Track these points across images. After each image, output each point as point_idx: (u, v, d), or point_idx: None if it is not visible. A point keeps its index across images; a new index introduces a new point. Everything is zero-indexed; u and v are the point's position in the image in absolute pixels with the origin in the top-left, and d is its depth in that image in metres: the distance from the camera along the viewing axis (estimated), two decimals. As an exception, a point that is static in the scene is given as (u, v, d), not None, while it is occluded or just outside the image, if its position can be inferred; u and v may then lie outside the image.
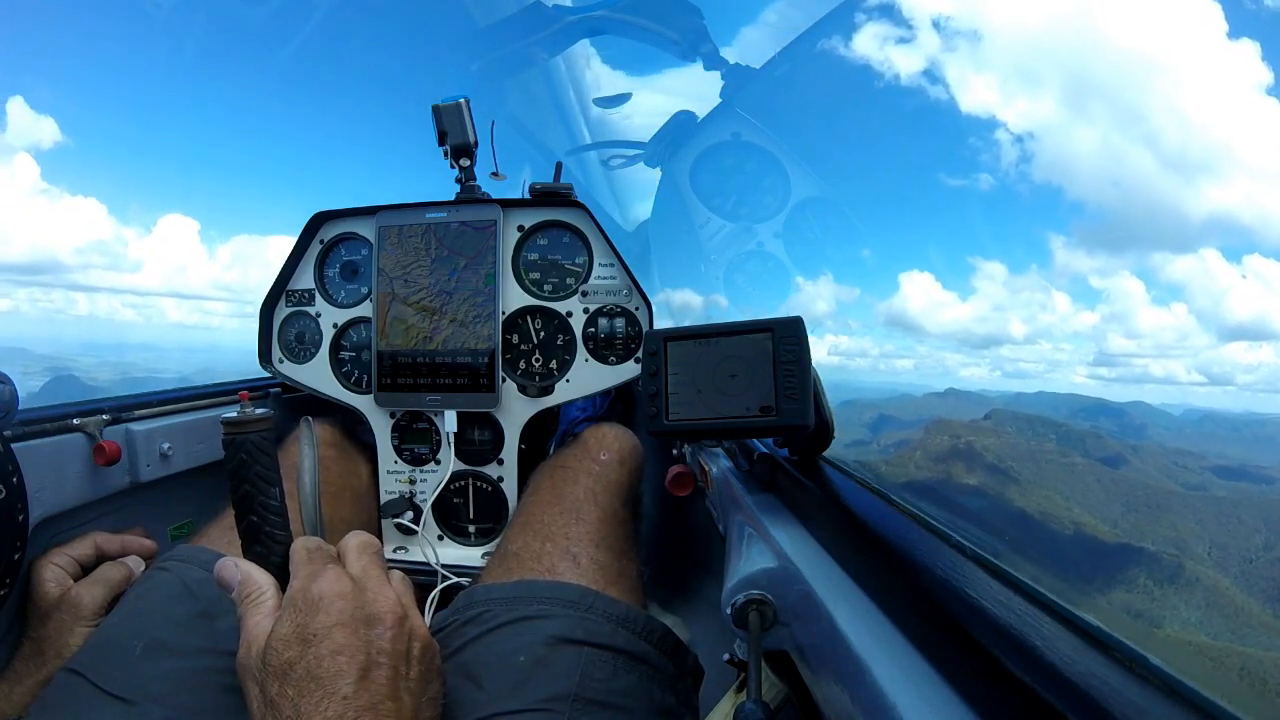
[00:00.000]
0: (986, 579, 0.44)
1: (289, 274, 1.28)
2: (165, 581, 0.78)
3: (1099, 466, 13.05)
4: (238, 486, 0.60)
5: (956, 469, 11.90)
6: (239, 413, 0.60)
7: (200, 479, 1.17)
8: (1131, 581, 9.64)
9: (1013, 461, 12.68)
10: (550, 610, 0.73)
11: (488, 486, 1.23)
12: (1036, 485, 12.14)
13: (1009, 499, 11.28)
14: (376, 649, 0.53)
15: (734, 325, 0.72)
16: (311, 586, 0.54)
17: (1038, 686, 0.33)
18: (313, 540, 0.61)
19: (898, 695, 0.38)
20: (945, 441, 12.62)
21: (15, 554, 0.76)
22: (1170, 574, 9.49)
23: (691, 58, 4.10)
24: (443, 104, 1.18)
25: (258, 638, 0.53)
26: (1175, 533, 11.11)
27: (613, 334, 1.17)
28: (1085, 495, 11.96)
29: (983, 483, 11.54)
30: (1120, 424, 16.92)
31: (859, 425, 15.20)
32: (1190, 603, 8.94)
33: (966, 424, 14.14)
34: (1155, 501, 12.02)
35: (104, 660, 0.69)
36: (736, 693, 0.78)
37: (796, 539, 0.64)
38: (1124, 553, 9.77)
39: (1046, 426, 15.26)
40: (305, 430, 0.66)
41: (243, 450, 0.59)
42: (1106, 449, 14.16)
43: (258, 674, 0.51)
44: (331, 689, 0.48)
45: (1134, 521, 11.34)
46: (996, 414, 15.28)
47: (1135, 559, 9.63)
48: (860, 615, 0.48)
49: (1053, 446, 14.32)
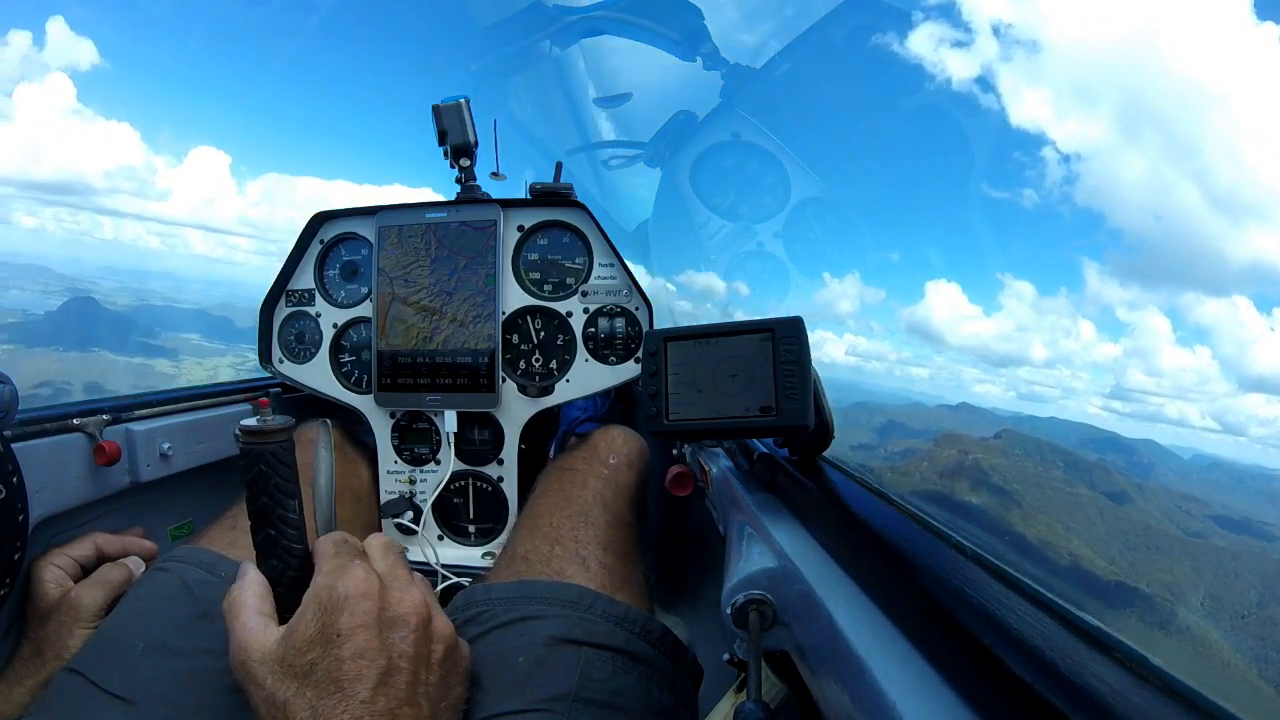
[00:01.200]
0: (986, 579, 0.44)
1: (289, 274, 1.28)
2: (165, 582, 0.78)
3: (1103, 500, 13.02)
4: (255, 498, 0.56)
5: (961, 485, 11.88)
6: (258, 420, 0.56)
7: (200, 479, 1.17)
8: (1122, 623, 9.55)
9: (1018, 485, 12.64)
10: (549, 610, 0.72)
11: (488, 486, 1.23)
12: (1040, 512, 12.09)
13: (1010, 522, 11.26)
14: (398, 653, 0.53)
15: (734, 325, 0.72)
16: (337, 585, 0.53)
17: (1038, 686, 0.33)
18: (338, 534, 0.60)
19: (898, 695, 0.38)
20: (953, 455, 12.59)
21: (15, 554, 0.76)
22: (1162, 619, 9.45)
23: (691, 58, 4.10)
24: (443, 104, 1.18)
25: (252, 640, 0.52)
26: (1171, 577, 11.07)
27: (613, 334, 1.17)
28: (1087, 528, 11.92)
29: (985, 502, 11.51)
30: (1129, 460, 16.92)
31: (868, 429, 15.19)
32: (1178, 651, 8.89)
33: (976, 441, 14.09)
34: (1155, 543, 11.98)
35: (104, 660, 0.69)
36: (736, 693, 0.79)
37: (796, 539, 0.64)
38: (1118, 591, 9.74)
39: (1055, 454, 15.23)
40: (324, 433, 0.65)
41: (262, 461, 0.56)
42: (1113, 484, 14.12)
43: (264, 675, 0.50)
44: (350, 693, 0.48)
45: (1131, 560, 11.31)
46: (1007, 434, 15.24)
47: (1129, 599, 9.59)
48: (860, 615, 0.48)
49: (1060, 475, 14.27)
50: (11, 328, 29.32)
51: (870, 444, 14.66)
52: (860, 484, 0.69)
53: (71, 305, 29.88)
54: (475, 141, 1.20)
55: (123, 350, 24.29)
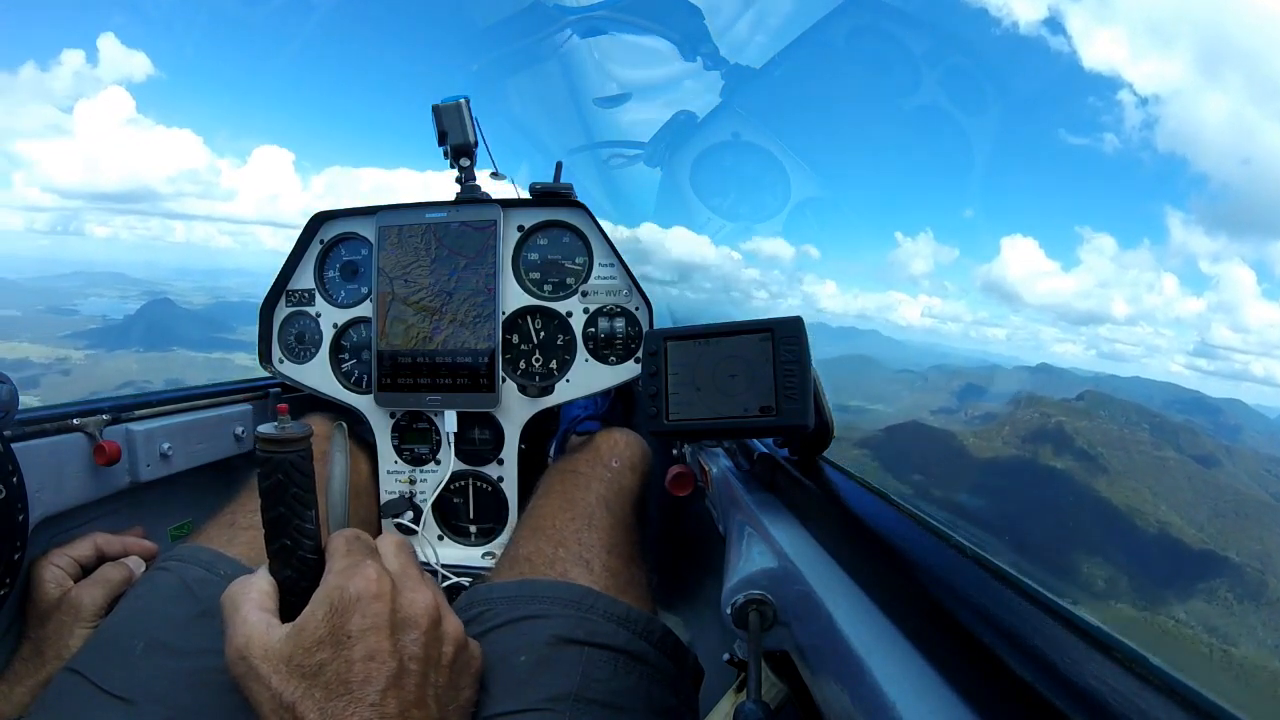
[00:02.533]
0: (987, 579, 0.44)
1: (289, 274, 1.28)
2: (165, 581, 0.78)
3: (1192, 465, 12.76)
4: (271, 507, 0.55)
5: (1044, 450, 11.60)
6: (277, 428, 0.54)
7: (200, 479, 1.17)
8: (1211, 592, 9.35)
9: (1103, 448, 12.34)
10: (551, 610, 0.73)
11: (488, 486, 1.23)
12: (1126, 477, 11.80)
13: (1096, 489, 10.99)
14: (409, 655, 0.52)
15: (734, 325, 0.72)
16: (349, 585, 0.53)
17: (1038, 686, 0.33)
18: (350, 530, 0.60)
19: (898, 695, 0.38)
20: (1035, 419, 12.32)
21: (15, 554, 0.76)
22: (1252, 590, 9.26)
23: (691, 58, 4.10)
24: (443, 104, 1.18)
25: (253, 635, 0.52)
26: (1262, 546, 10.85)
27: (613, 334, 1.17)
28: (1174, 494, 11.69)
29: (1069, 467, 11.21)
30: (1215, 422, 16.67)
31: (946, 392, 14.93)
32: (1268, 624, 8.67)
33: (1058, 403, 13.76)
34: (1244, 510, 11.74)
35: (104, 660, 0.69)
36: (736, 693, 0.79)
37: (796, 539, 0.64)
38: (1207, 560, 9.55)
39: (1141, 415, 14.92)
40: (339, 436, 0.64)
41: (280, 470, 0.54)
42: (1200, 447, 13.85)
43: (269, 673, 0.50)
44: (360, 695, 0.48)
45: (1220, 528, 11.09)
46: (1090, 395, 14.89)
47: (1218, 569, 9.41)
48: (860, 615, 0.48)
49: (1146, 438, 13.95)
50: (92, 333, 29.15)
51: (950, 408, 14.37)
52: (860, 484, 0.69)
53: (149, 308, 29.83)
54: (475, 141, 1.20)
55: (201, 347, 24.05)
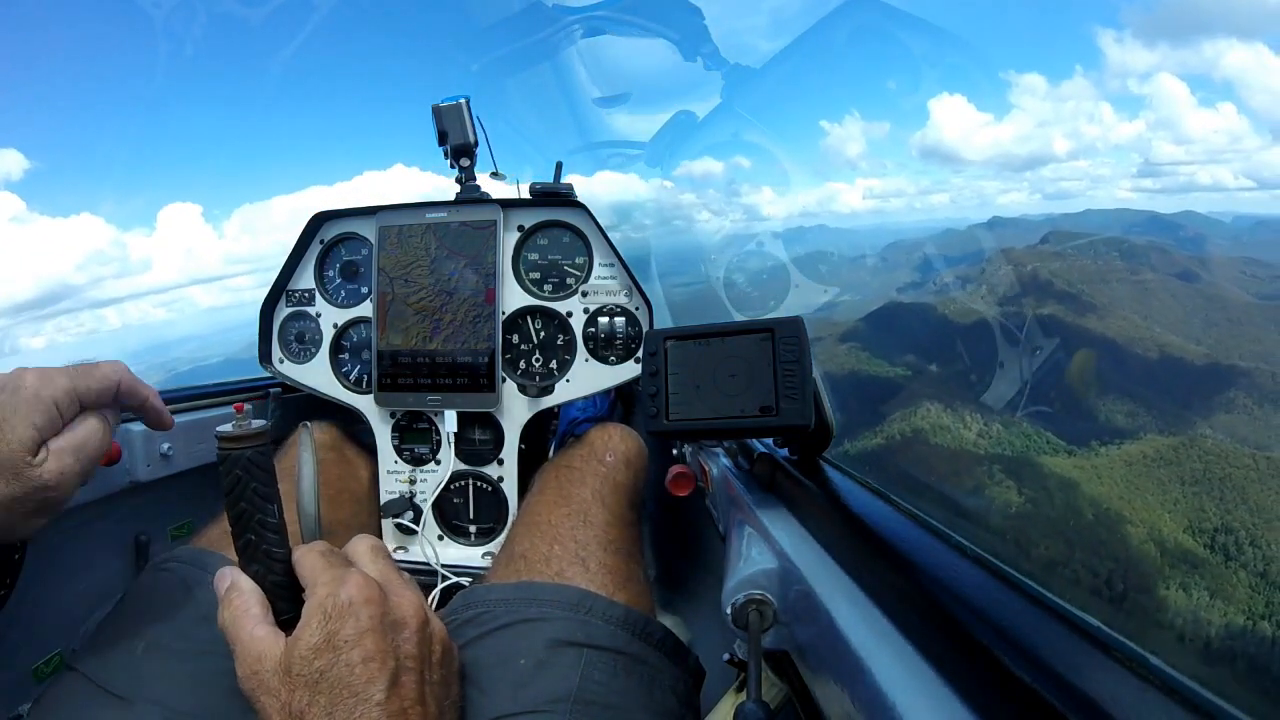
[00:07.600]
0: (986, 579, 0.44)
1: (289, 274, 1.28)
2: (166, 582, 0.79)
3: (1174, 282, 12.59)
4: (234, 504, 0.57)
5: (1029, 302, 11.42)
6: (234, 426, 0.57)
7: (200, 479, 1.17)
8: (1230, 403, 9.16)
9: (1084, 285, 12.12)
10: (550, 612, 0.73)
11: (488, 486, 1.23)
12: (1114, 308, 11.59)
13: (1089, 328, 10.80)
14: (404, 654, 0.53)
15: (734, 325, 0.72)
16: (340, 592, 0.53)
17: (1038, 686, 0.33)
18: (320, 544, 0.60)
19: (898, 695, 0.38)
20: (1010, 272, 12.17)
21: (15, 554, 0.76)
22: (1268, 392, 9.14)
23: (691, 58, 4.10)
24: (443, 104, 1.18)
25: (265, 650, 0.52)
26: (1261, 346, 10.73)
27: (613, 334, 1.17)
28: (1163, 313, 11.57)
29: (1056, 312, 10.96)
30: (1175, 237, 16.53)
31: (908, 268, 14.71)
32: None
33: (1026, 250, 13.54)
34: (1234, 315, 11.60)
35: (105, 660, 0.69)
36: (736, 693, 0.79)
37: (796, 539, 0.64)
38: (1215, 373, 9.44)
39: (1108, 245, 14.72)
40: (305, 437, 0.64)
41: (238, 466, 0.56)
42: (1174, 264, 13.67)
43: (279, 685, 0.50)
44: (365, 696, 0.49)
45: (1216, 337, 10.95)
46: (1054, 236, 14.73)
47: (1228, 378, 9.29)
48: (860, 615, 0.48)
49: (1120, 264, 13.74)
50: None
51: (917, 281, 14.14)
52: (860, 484, 0.69)
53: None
54: (476, 141, 1.20)
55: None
